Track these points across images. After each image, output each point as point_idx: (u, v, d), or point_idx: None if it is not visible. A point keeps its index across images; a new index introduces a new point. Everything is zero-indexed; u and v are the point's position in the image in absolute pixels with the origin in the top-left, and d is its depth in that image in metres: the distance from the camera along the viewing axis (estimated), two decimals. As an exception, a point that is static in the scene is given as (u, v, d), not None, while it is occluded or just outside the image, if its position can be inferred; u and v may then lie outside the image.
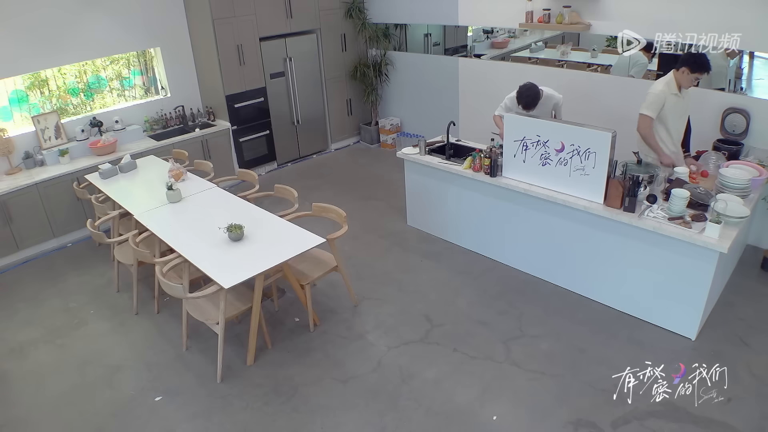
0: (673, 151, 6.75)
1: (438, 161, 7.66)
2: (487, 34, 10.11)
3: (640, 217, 5.81)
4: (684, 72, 6.39)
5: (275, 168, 11.25)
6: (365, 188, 10.04)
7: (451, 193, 7.71)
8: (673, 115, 6.57)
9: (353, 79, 11.94)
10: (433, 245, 7.99)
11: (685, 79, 6.42)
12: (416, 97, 11.57)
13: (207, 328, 6.19)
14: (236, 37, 9.88)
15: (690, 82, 6.43)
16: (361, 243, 8.13)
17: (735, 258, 6.98)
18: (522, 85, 7.11)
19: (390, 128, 11.99)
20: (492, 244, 7.52)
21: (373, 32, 11.47)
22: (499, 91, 9.20)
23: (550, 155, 6.41)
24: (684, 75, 6.40)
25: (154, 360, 6.10)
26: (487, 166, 7.02)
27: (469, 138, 8.63)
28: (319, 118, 11.77)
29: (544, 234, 6.84)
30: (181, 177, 7.65)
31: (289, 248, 5.71)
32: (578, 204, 6.23)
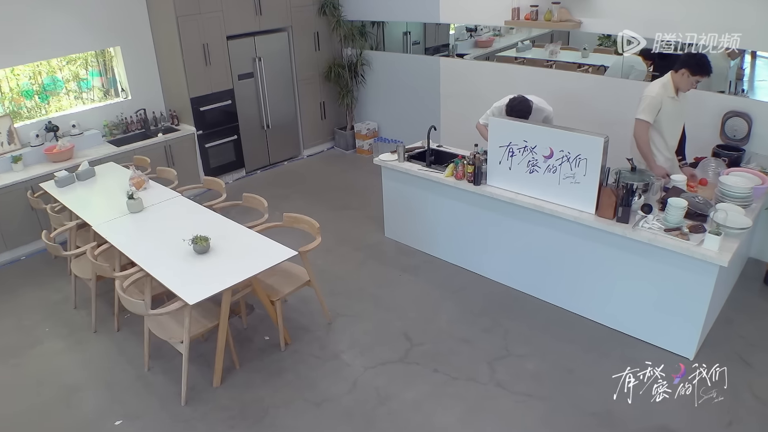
0: (668, 158, 6.77)
1: (418, 168, 7.66)
2: (470, 33, 10.16)
3: (634, 228, 5.80)
4: (683, 74, 6.39)
5: (243, 176, 11.24)
6: (340, 197, 10.03)
7: (432, 203, 7.70)
8: (669, 119, 6.58)
9: (327, 81, 11.94)
10: (412, 258, 7.99)
11: (684, 81, 6.43)
12: (394, 99, 11.59)
13: (170, 348, 6.13)
14: (202, 35, 9.85)
15: (689, 85, 6.44)
16: (336, 256, 8.13)
17: (736, 272, 6.99)
18: (513, 98, 7.13)
19: (366, 133, 12.04)
20: (475, 256, 7.51)
21: (348, 30, 11.49)
22: (483, 94, 9.26)
23: (538, 162, 6.40)
24: (683, 77, 6.41)
25: (114, 381, 6.03)
26: (471, 174, 7.01)
27: (451, 144, 8.62)
28: (291, 123, 11.77)
29: (531, 246, 6.83)
30: (143, 185, 7.62)
31: (259, 261, 5.69)
32: (568, 214, 6.22)
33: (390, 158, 8.00)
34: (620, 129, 7.12)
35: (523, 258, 6.98)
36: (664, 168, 6.65)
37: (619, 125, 7.34)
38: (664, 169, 6.62)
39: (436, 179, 7.40)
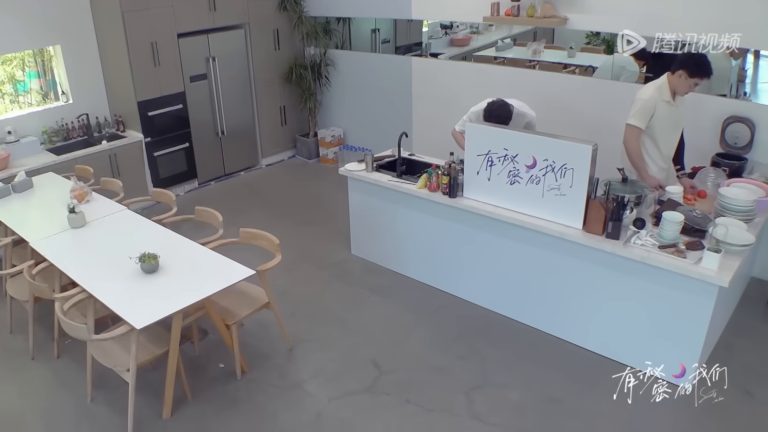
0: (663, 168, 6.80)
1: (387, 179, 7.68)
2: (445, 30, 10.33)
3: (625, 245, 5.80)
4: (681, 76, 6.40)
5: (196, 187, 11.21)
6: (302, 211, 10.06)
7: (403, 217, 7.71)
8: (665, 126, 6.60)
9: (288, 83, 11.94)
10: (382, 278, 8.01)
11: (681, 84, 6.43)
12: (362, 103, 11.63)
13: (116, 376, 6.00)
14: (150, 32, 9.80)
15: (687, 88, 6.45)
16: (297, 275, 8.12)
17: (737, 293, 7.01)
18: (491, 103, 7.15)
19: (331, 140, 12.03)
20: (451, 276, 7.51)
21: (311, 27, 11.47)
22: (459, 97, 9.30)
23: (520, 172, 6.39)
24: (680, 79, 6.42)
25: (53, 413, 5.95)
26: (446, 185, 7.01)
27: (425, 152, 8.63)
28: (248, 129, 11.77)
29: (512, 265, 6.83)
30: (86, 198, 7.57)
31: (213, 282, 5.68)
32: (553, 229, 6.22)
33: (357, 168, 8.00)
34: (610, 136, 7.14)
35: (503, 278, 6.97)
36: (658, 179, 6.67)
37: (608, 132, 7.38)
38: (657, 180, 6.64)
39: (407, 191, 7.41)
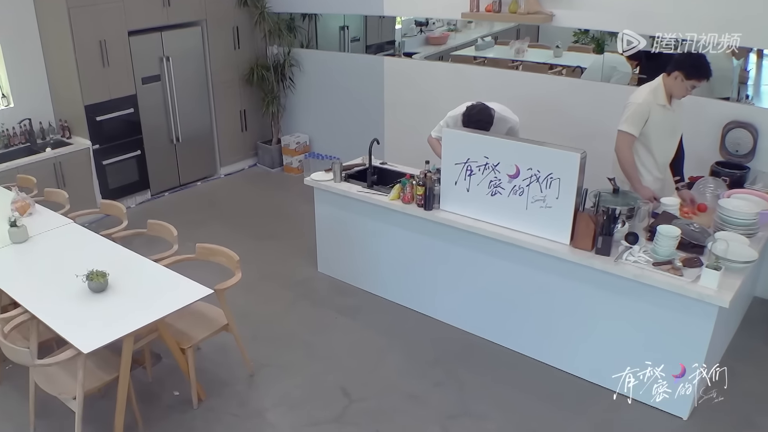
0: (659, 178, 6.82)
1: (357, 190, 7.67)
2: (420, 27, 10.41)
3: (616, 262, 5.80)
4: (677, 78, 6.41)
5: (149, 198, 11.16)
6: (264, 224, 10.10)
7: (374, 231, 7.71)
8: (660, 132, 6.61)
9: (249, 85, 11.95)
10: (351, 297, 8.02)
11: (677, 86, 6.45)
12: (330, 107, 11.66)
13: (61, 405, 5.91)
14: (98, 30, 9.74)
15: (684, 91, 6.47)
16: (259, 295, 8.12)
17: (739, 314, 7.03)
18: (471, 107, 7.17)
19: (296, 148, 12.06)
20: (426, 295, 7.51)
21: (274, 24, 11.44)
22: (435, 100, 9.36)
23: (502, 182, 6.40)
24: (676, 82, 6.43)
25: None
26: (421, 197, 7.00)
27: (398, 160, 8.64)
28: (205, 135, 11.75)
29: (493, 283, 6.83)
30: (28, 210, 7.52)
31: (167, 302, 5.65)
32: (537, 245, 6.23)
33: (324, 178, 8.00)
34: (600, 142, 7.17)
35: (483, 297, 6.98)
36: (652, 190, 6.68)
37: (598, 138, 7.40)
38: (651, 191, 6.65)
39: (379, 203, 7.40)
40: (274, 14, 11.50)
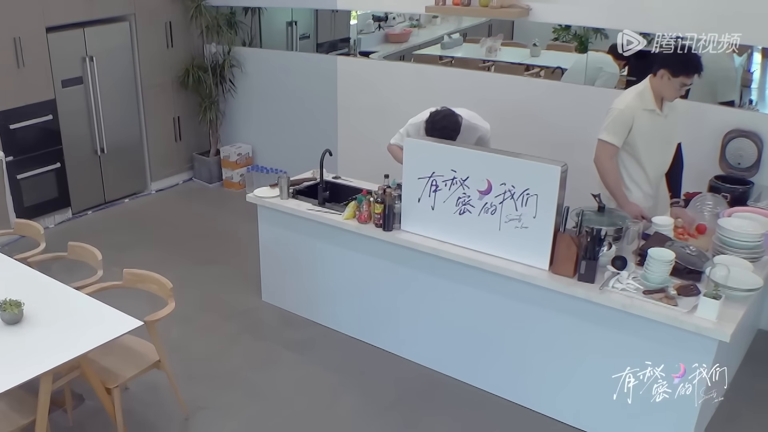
0: (649, 194, 6.83)
1: (307, 208, 7.64)
2: (379, 23, 10.57)
3: (602, 290, 5.76)
4: (663, 77, 6.43)
5: (70, 217, 11.12)
6: (201, 247, 10.11)
7: (327, 255, 7.69)
8: (649, 141, 6.61)
9: (183, 88, 11.94)
10: (300, 330, 7.99)
11: (666, 86, 6.46)
12: (275, 114, 11.73)
13: (-30, 453, 5.97)
14: (11, 26, 9.67)
15: (674, 91, 6.48)
16: (196, 327, 8.08)
17: (741, 349, 7.03)
18: (435, 113, 7.18)
19: (237, 160, 12.10)
20: (386, 328, 7.50)
21: (212, 19, 11.49)
22: (396, 105, 9.50)
23: (471, 199, 6.37)
24: (664, 81, 6.44)
25: None
26: (379, 216, 6.96)
27: (353, 174, 8.64)
28: (134, 146, 11.74)
29: (460, 314, 6.80)
30: None
31: (90, 335, 5.56)
32: (512, 270, 6.19)
33: (269, 194, 7.98)
34: (583, 153, 7.21)
35: (450, 330, 6.96)
36: (640, 207, 6.69)
37: (581, 148, 7.44)
38: (639, 207, 6.67)
39: (331, 223, 7.37)
40: (213, 8, 11.54)
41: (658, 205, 6.90)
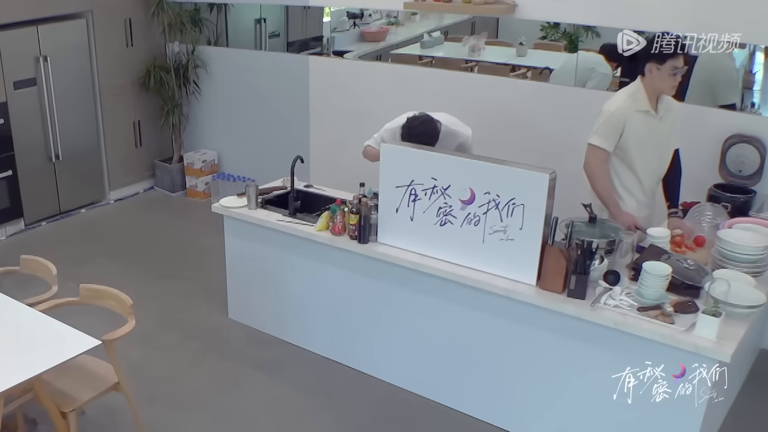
0: (644, 203, 6.80)
1: (277, 219, 7.62)
2: (354, 21, 10.58)
3: (593, 307, 5.71)
4: (652, 70, 6.40)
5: (22, 229, 11.08)
6: (163, 261, 10.10)
7: (298, 269, 7.68)
8: (643, 145, 6.59)
9: (144, 90, 11.93)
10: (269, 350, 7.97)
11: (659, 79, 6.42)
12: (243, 117, 11.77)
13: None
14: None
15: (667, 80, 6.41)
16: (158, 346, 8.03)
17: (743, 370, 7.01)
18: (411, 119, 7.18)
19: (202, 167, 12.12)
20: (360, 348, 7.49)
21: (175, 16, 11.49)
22: (372, 108, 9.60)
23: (453, 209, 6.34)
24: (654, 74, 6.40)
25: None
26: (354, 227, 6.95)
27: (326, 183, 8.65)
28: (92, 152, 11.71)
29: (441, 333, 6.79)
30: None
31: (44, 355, 5.50)
32: (496, 286, 6.16)
33: (236, 204, 7.96)
34: (573, 160, 7.21)
35: (429, 350, 6.94)
36: (634, 216, 6.67)
37: (571, 155, 7.44)
38: (632, 217, 6.64)
39: (303, 235, 7.35)
40: (176, 4, 11.55)
41: (654, 215, 6.89)
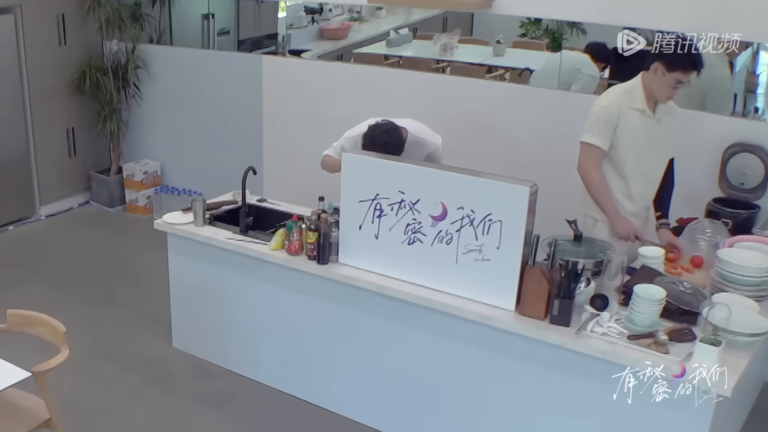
0: (634, 213, 6.80)
1: (226, 237, 7.58)
2: (312, 16, 10.58)
3: (579, 334, 5.68)
4: (657, 70, 6.39)
5: None
6: (100, 283, 10.03)
7: (250, 293, 7.64)
8: (636, 147, 6.60)
9: (79, 94, 11.92)
10: (217, 382, 7.96)
11: (658, 83, 6.41)
12: (189, 124, 11.83)
13: None
14: None
15: (667, 89, 6.42)
16: (94, 379, 7.96)
17: (746, 405, 7.02)
18: (374, 126, 7.15)
19: (143, 179, 12.12)
20: (319, 380, 7.48)
21: (113, 12, 11.48)
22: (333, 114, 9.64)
23: (423, 226, 6.32)
24: (657, 76, 6.40)
25: None
26: (313, 246, 6.90)
27: (282, 197, 8.67)
28: (20, 163, 11.69)
29: (409, 364, 6.79)
30: None
31: None
32: (471, 311, 6.12)
33: (181, 220, 7.91)
34: (556, 171, 7.34)
35: (395, 383, 6.93)
36: (634, 225, 6.66)
37: (553, 166, 7.59)
38: (632, 225, 6.64)
39: (256, 255, 7.31)
40: (114, -1, 11.57)
41: (648, 232, 6.87)
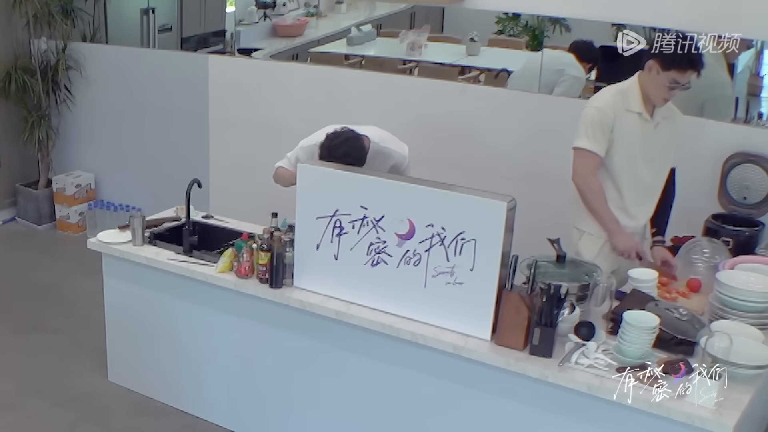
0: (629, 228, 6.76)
1: (169, 257, 7.55)
2: (264, 11, 10.47)
3: (562, 367, 5.61)
4: (652, 69, 6.41)
5: None
6: (26, 310, 9.98)
7: (195, 320, 7.61)
8: (631, 153, 6.61)
9: (3, 98, 11.81)
10: (159, 420, 7.89)
11: (653, 83, 6.43)
12: (126, 132, 11.82)
13: None
14: None
15: (662, 90, 6.43)
16: (19, 416, 7.89)
17: None
18: (332, 135, 7.12)
19: (75, 193, 12.08)
20: (272, 418, 7.45)
21: (42, 6, 11.40)
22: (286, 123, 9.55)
23: (388, 246, 6.28)
24: (652, 75, 6.41)
25: None
26: (265, 268, 6.87)
27: (230, 213, 8.66)
28: None
29: (373, 399, 6.75)
30: None
31: None
32: (442, 341, 6.07)
33: (118, 239, 7.87)
34: (536, 185, 7.39)
35: (360, 420, 6.88)
36: (636, 240, 6.68)
37: (534, 178, 7.60)
38: (634, 240, 6.65)
39: (201, 277, 7.27)
40: (43, -8, 11.59)
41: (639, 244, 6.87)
